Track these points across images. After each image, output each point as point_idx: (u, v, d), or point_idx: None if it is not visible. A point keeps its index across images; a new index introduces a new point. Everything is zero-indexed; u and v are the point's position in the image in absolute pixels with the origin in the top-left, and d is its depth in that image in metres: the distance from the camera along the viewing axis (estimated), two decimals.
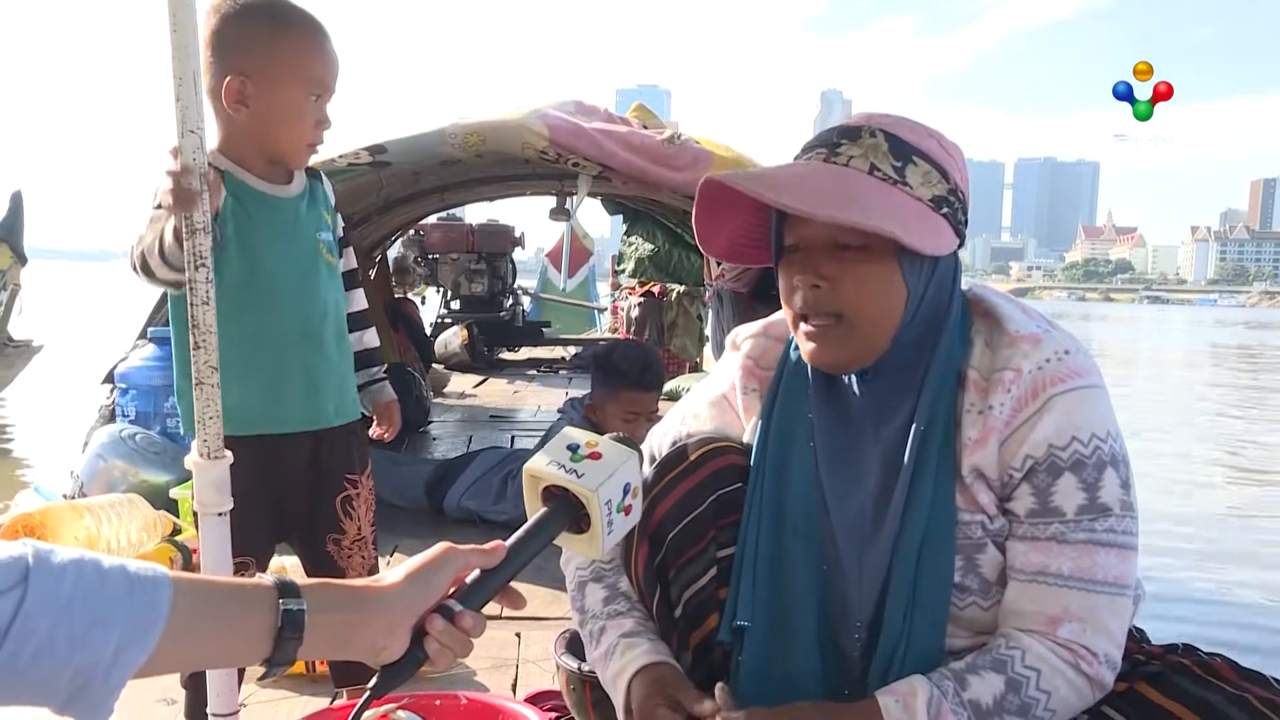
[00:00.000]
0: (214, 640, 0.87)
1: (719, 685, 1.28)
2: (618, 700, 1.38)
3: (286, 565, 2.33)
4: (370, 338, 2.08)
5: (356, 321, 2.03)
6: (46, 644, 0.76)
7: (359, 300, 2.06)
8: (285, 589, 0.89)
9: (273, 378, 1.81)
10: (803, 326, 1.32)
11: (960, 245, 1.31)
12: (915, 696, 1.21)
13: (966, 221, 1.31)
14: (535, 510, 1.10)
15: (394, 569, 0.97)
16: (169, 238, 1.54)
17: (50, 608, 0.77)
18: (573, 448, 1.09)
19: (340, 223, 2.02)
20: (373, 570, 1.99)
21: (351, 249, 2.07)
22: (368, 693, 0.96)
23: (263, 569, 1.87)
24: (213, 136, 1.78)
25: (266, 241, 1.79)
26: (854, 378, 1.37)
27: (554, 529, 1.08)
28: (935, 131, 1.31)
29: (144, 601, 0.81)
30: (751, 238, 1.40)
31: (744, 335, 1.53)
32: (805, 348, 1.33)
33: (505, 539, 1.05)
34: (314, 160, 3.65)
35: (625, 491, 1.09)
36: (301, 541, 1.97)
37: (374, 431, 2.13)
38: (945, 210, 1.28)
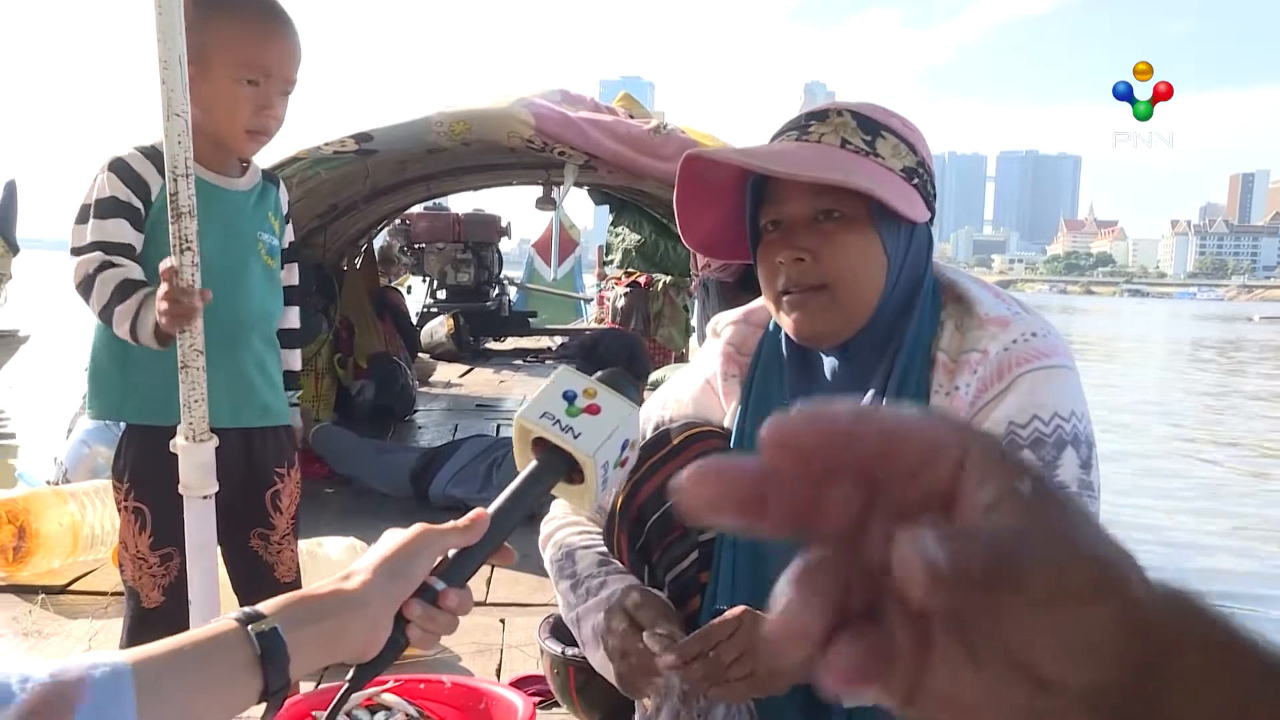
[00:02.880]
0: (199, 696, 0.80)
1: (646, 634, 1.27)
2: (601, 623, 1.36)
3: None
4: (294, 360, 2.02)
5: (285, 339, 1.97)
6: None
7: (292, 318, 1.99)
8: (250, 618, 0.83)
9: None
10: (786, 299, 1.33)
11: (931, 219, 1.34)
12: None
13: (935, 195, 1.34)
14: (525, 460, 1.00)
15: (364, 557, 0.91)
16: (144, 335, 1.58)
17: None
18: (569, 396, 0.98)
19: (289, 235, 1.96)
20: (295, 565, 1.95)
21: (296, 266, 1.99)
22: (346, 685, 0.91)
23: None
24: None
25: (200, 230, 1.71)
26: (830, 359, 1.38)
27: (547, 483, 0.99)
28: (897, 113, 1.35)
29: (106, 694, 0.74)
30: (729, 228, 1.41)
31: (724, 322, 1.55)
32: (790, 320, 1.34)
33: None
34: (300, 148, 3.64)
35: (623, 448, 1.00)
36: (224, 533, 1.87)
37: None
38: (916, 181, 1.31)
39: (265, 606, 0.85)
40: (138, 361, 1.71)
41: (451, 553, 0.93)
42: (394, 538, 0.92)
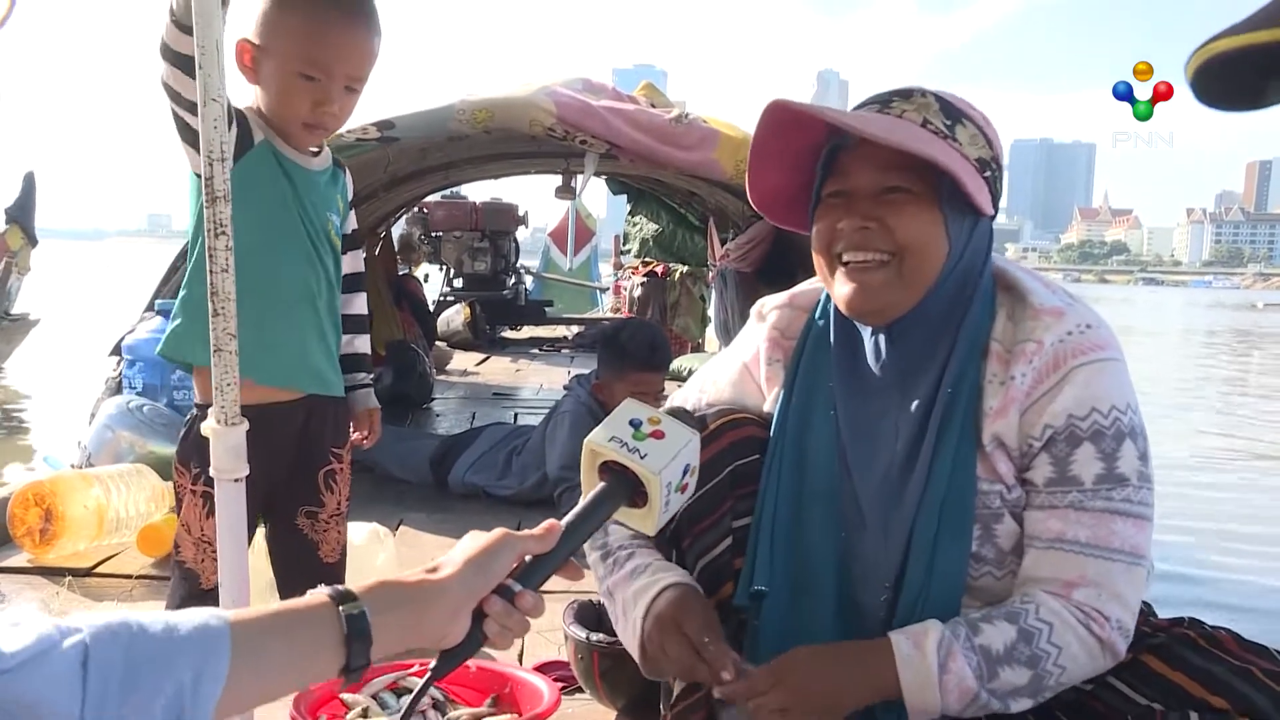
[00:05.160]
0: (285, 661, 0.86)
1: (711, 657, 1.28)
2: (637, 611, 1.37)
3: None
4: (363, 343, 2.04)
5: (353, 324, 2.00)
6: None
7: (360, 304, 2.01)
8: (342, 597, 0.90)
9: (263, 326, 1.75)
10: (845, 267, 1.33)
11: (994, 215, 1.34)
12: (927, 636, 1.24)
13: (1001, 194, 1.34)
14: (591, 484, 1.08)
15: (450, 554, 0.98)
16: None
17: (112, 685, 0.75)
18: (635, 423, 1.07)
19: (353, 221, 1.99)
20: (341, 546, 1.99)
21: (361, 253, 2.02)
22: (430, 673, 0.97)
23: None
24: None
25: (284, 199, 1.78)
26: (877, 344, 1.37)
27: (611, 506, 1.06)
28: (978, 108, 1.34)
29: (205, 646, 0.80)
30: (791, 191, 1.41)
31: (770, 305, 1.54)
32: (843, 292, 1.33)
33: (557, 517, 1.04)
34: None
35: (685, 472, 1.08)
36: (272, 512, 1.93)
37: (353, 437, 2.11)
38: (987, 174, 1.31)
39: (358, 589, 0.91)
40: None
41: (528, 559, 1.00)
42: (477, 538, 0.99)
